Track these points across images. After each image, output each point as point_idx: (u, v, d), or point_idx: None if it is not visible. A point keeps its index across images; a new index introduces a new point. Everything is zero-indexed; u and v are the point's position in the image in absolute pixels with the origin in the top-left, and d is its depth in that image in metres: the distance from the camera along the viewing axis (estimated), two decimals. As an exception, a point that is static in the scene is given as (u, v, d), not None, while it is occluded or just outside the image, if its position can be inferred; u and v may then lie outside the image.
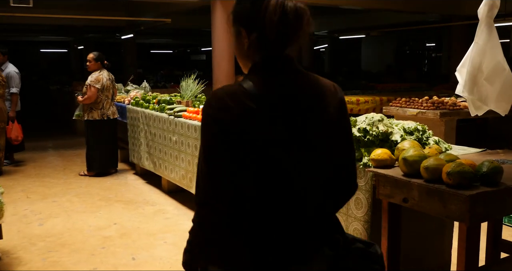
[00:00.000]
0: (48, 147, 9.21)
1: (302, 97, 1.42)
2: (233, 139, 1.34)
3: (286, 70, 1.44)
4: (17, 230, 4.52)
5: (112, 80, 6.59)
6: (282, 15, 1.37)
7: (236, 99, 1.35)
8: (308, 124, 1.40)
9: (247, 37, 1.44)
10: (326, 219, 1.51)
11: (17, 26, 14.20)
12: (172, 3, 10.01)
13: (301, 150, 1.39)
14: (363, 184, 2.74)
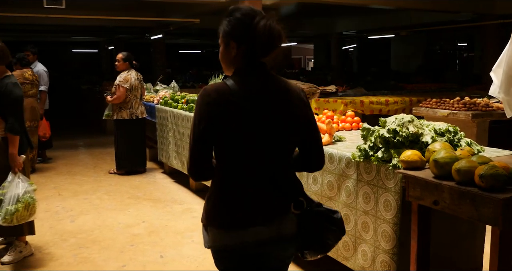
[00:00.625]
0: (79, 145, 9.39)
1: (271, 93, 1.83)
2: (215, 123, 1.75)
3: (261, 74, 1.85)
4: (49, 226, 4.62)
5: (141, 80, 6.68)
6: (270, 36, 1.78)
7: (221, 93, 1.76)
8: (274, 112, 1.82)
9: (236, 48, 1.84)
10: (292, 186, 1.91)
11: (50, 27, 14.52)
12: (200, 3, 10.08)
13: (267, 131, 1.79)
14: (392, 185, 2.71)
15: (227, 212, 1.82)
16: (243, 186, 1.83)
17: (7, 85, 3.58)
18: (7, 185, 3.49)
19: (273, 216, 1.84)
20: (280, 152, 1.87)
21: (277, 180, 1.86)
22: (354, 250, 3.03)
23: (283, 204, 1.87)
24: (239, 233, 1.82)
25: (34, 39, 19.83)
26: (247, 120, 1.77)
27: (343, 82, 11.13)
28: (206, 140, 1.79)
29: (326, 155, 3.27)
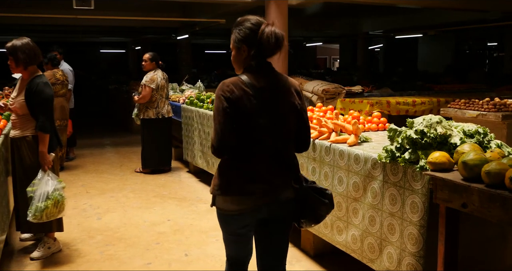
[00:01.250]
0: (106, 144, 9.54)
1: (275, 86, 2.30)
2: (233, 109, 2.19)
3: (267, 71, 2.33)
4: (77, 223, 4.71)
5: (166, 79, 6.75)
6: (275, 40, 2.22)
7: (237, 85, 2.22)
8: (278, 101, 2.28)
9: (247, 51, 2.29)
10: (292, 164, 2.36)
11: (79, 27, 14.77)
12: (226, 3, 10.12)
13: (273, 116, 2.26)
14: (419, 187, 2.67)
15: (241, 182, 2.26)
16: (253, 165, 2.27)
17: (38, 84, 3.66)
18: (37, 182, 3.57)
19: (275, 190, 2.30)
20: (282, 132, 2.31)
21: (281, 158, 2.31)
22: (379, 252, 3.00)
23: (285, 178, 2.32)
24: (243, 202, 2.26)
25: (63, 39, 20.22)
26: (256, 106, 2.22)
27: (369, 83, 11.02)
28: (227, 121, 2.20)
29: (352, 155, 3.24)
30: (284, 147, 2.32)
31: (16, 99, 3.73)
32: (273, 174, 2.28)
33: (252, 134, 2.24)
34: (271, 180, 2.27)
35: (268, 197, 2.28)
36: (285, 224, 2.43)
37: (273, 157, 2.28)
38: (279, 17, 8.00)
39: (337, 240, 3.44)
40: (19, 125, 3.73)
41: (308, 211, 2.38)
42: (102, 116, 14.31)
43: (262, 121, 2.23)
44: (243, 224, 2.32)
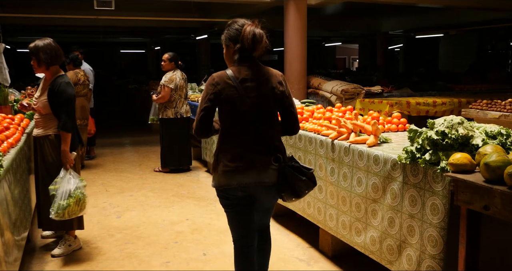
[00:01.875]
0: (125, 143, 9.63)
1: (256, 76, 2.66)
2: (218, 98, 2.61)
3: (251, 63, 2.67)
4: (97, 221, 4.76)
5: (185, 80, 6.79)
6: (253, 37, 2.59)
7: (221, 79, 2.62)
8: (258, 90, 2.64)
9: (233, 47, 2.67)
10: (272, 145, 2.69)
11: (100, 28, 14.95)
12: (245, 4, 10.13)
13: (253, 102, 2.62)
14: (440, 188, 2.63)
15: (225, 161, 2.64)
16: (234, 146, 2.65)
17: (61, 84, 3.72)
18: (59, 181, 3.62)
19: (256, 167, 2.63)
20: (264, 117, 2.67)
21: (262, 140, 2.67)
22: (398, 254, 2.97)
23: (265, 158, 2.67)
24: (231, 178, 2.64)
25: (84, 40, 20.49)
26: (237, 95, 2.61)
27: (388, 83, 10.91)
28: (209, 109, 2.62)
29: (371, 156, 3.22)
30: (265, 130, 2.68)
31: (39, 99, 3.79)
32: (253, 154, 2.65)
33: (235, 120, 2.65)
34: (252, 158, 2.64)
35: (251, 178, 2.65)
36: (268, 202, 2.86)
37: (253, 138, 2.66)
38: (298, 17, 7.99)
39: (355, 241, 3.42)
40: (42, 125, 3.79)
41: (287, 186, 2.69)
42: (121, 115, 14.45)
43: (243, 108, 2.62)
44: (234, 198, 2.71)
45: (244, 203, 2.74)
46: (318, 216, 3.92)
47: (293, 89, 8.02)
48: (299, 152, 4.21)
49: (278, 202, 4.60)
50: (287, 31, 8.11)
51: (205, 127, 2.65)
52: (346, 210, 3.52)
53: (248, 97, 2.61)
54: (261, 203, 2.81)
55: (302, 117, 4.51)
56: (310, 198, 4.03)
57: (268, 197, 2.78)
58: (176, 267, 3.71)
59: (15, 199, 3.12)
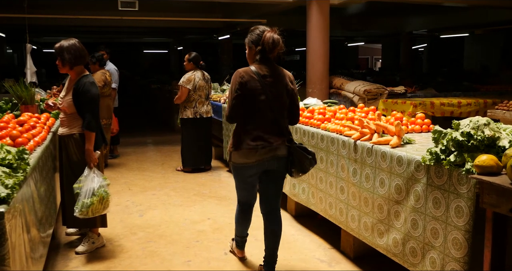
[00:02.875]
0: (148, 142, 9.73)
1: (273, 73, 3.26)
2: (243, 89, 3.18)
3: (269, 63, 3.28)
4: (120, 219, 4.82)
5: (207, 80, 6.80)
6: (272, 41, 3.19)
7: (247, 73, 3.21)
8: (275, 85, 3.24)
9: (255, 49, 3.28)
10: (284, 129, 3.29)
11: (124, 28, 15.14)
12: (267, 3, 10.13)
13: (271, 94, 3.21)
14: (465, 191, 2.59)
15: (248, 141, 3.22)
16: (256, 129, 3.23)
17: (85, 84, 3.77)
18: (83, 179, 3.68)
19: (272, 145, 3.23)
20: (278, 107, 3.27)
21: (277, 125, 3.27)
22: (421, 257, 2.94)
23: (279, 139, 3.27)
24: (252, 155, 3.24)
25: (108, 40, 20.76)
26: (259, 87, 3.21)
27: (412, 83, 10.79)
28: (239, 98, 3.21)
29: (394, 157, 3.19)
30: (279, 117, 3.27)
31: (64, 98, 3.86)
32: (270, 135, 3.24)
33: (256, 107, 3.23)
34: (268, 139, 3.23)
35: (268, 154, 3.25)
36: (280, 173, 3.39)
37: (270, 123, 3.25)
38: (320, 17, 7.95)
39: (377, 243, 3.38)
40: (67, 124, 3.86)
41: (296, 163, 3.31)
42: (144, 115, 14.60)
43: (263, 98, 3.21)
44: (250, 174, 3.33)
45: (253, 178, 3.38)
46: (340, 217, 3.90)
47: (315, 89, 7.99)
48: (321, 152, 4.19)
49: (299, 201, 4.60)
50: (310, 31, 8.09)
51: (237, 113, 3.25)
52: (368, 211, 3.49)
53: (268, 90, 3.22)
54: (275, 173, 3.38)
55: (324, 117, 4.49)
56: (332, 198, 4.01)
57: (280, 168, 3.35)
58: (197, 266, 3.74)
59: (41, 196, 3.18)
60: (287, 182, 4.86)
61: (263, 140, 3.22)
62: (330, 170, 4.05)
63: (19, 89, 4.85)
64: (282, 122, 3.28)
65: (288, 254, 3.95)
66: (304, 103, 5.59)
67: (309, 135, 4.43)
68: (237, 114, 3.25)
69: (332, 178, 4.02)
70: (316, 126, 4.43)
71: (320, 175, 4.22)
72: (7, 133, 3.33)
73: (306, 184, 4.49)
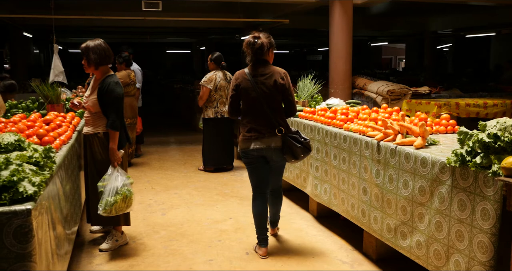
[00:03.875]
0: (171, 142, 9.80)
1: (264, 73, 3.74)
2: (237, 90, 3.77)
3: (261, 64, 3.78)
4: (143, 218, 4.87)
5: (230, 79, 6.82)
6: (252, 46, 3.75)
7: (241, 75, 3.80)
8: (264, 84, 3.72)
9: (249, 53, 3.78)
10: (275, 121, 3.75)
11: (147, 28, 15.28)
12: (290, 3, 10.11)
13: (262, 91, 3.71)
14: (491, 193, 2.54)
15: (244, 132, 3.80)
16: (249, 122, 3.78)
17: (110, 84, 3.82)
18: (107, 178, 3.73)
19: (265, 136, 3.74)
20: (269, 102, 3.74)
21: (268, 118, 3.75)
22: (446, 260, 2.89)
23: (271, 130, 3.75)
24: (248, 143, 3.77)
25: (132, 40, 20.99)
26: (251, 85, 3.74)
27: (436, 83, 10.64)
28: (234, 96, 3.83)
29: (418, 158, 3.15)
30: (271, 111, 3.75)
31: (89, 97, 3.91)
32: (262, 127, 3.76)
33: (249, 103, 3.77)
34: (261, 130, 3.75)
35: (263, 144, 3.75)
36: (278, 162, 3.92)
37: (262, 116, 3.75)
38: (343, 17, 7.90)
39: (400, 245, 3.35)
40: (92, 123, 3.91)
41: (288, 150, 3.77)
42: (167, 114, 14.72)
43: (254, 94, 3.73)
44: (252, 157, 3.82)
45: (259, 161, 3.85)
46: (362, 218, 3.87)
47: (338, 89, 7.95)
48: (344, 152, 4.17)
49: (321, 202, 4.58)
50: (332, 31, 8.05)
51: (234, 109, 3.87)
52: (391, 213, 3.46)
53: (258, 88, 3.73)
54: (274, 162, 3.89)
55: (347, 118, 4.46)
56: (354, 200, 3.98)
57: (277, 158, 3.84)
58: (219, 266, 3.75)
59: (66, 194, 3.23)
60: (309, 183, 4.85)
61: (255, 131, 3.75)
62: (352, 171, 4.02)
63: (45, 89, 4.94)
64: (273, 115, 3.75)
65: (310, 255, 3.93)
66: (327, 103, 5.56)
67: (331, 135, 4.41)
68: (234, 110, 3.87)
69: (354, 179, 3.99)
70: (338, 127, 4.40)
71: (342, 176, 4.19)
72: (34, 132, 3.40)
73: (328, 184, 4.47)
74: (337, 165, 4.30)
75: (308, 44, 25.60)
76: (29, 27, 13.22)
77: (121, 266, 3.75)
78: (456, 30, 16.06)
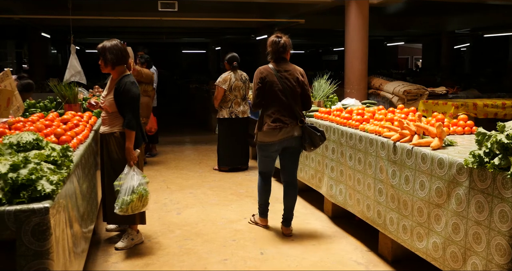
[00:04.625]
0: (186, 141, 9.85)
1: (286, 69, 4.19)
2: (263, 83, 4.14)
3: (282, 61, 4.23)
4: (158, 217, 4.90)
5: (245, 80, 6.83)
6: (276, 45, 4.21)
7: (266, 69, 4.18)
8: (288, 79, 4.16)
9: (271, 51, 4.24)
10: (297, 113, 4.12)
11: (163, 29, 15.37)
12: (306, 3, 10.09)
13: (285, 85, 4.13)
14: (509, 195, 2.51)
15: (269, 122, 4.11)
16: (274, 113, 4.12)
17: (126, 84, 3.85)
18: (123, 177, 3.76)
19: (288, 126, 4.11)
20: (290, 94, 4.14)
21: (291, 109, 4.13)
22: (463, 262, 2.86)
23: (293, 120, 4.13)
24: (272, 135, 4.12)
25: (148, 41, 21.14)
26: (276, 79, 4.13)
27: (454, 84, 10.52)
28: (262, 89, 4.14)
29: (435, 159, 3.11)
30: (293, 103, 4.13)
31: (106, 97, 3.95)
32: (286, 118, 4.11)
33: (274, 96, 4.13)
34: (285, 121, 4.10)
35: (287, 134, 4.11)
36: (296, 150, 4.27)
37: (285, 108, 4.12)
38: (359, 16, 7.86)
39: (416, 246, 3.32)
40: (108, 122, 3.95)
41: (307, 139, 4.15)
42: (182, 114, 14.79)
43: (278, 88, 4.13)
44: (272, 150, 4.22)
45: (274, 154, 4.28)
46: (378, 219, 3.84)
47: (354, 89, 7.91)
48: (359, 153, 4.14)
49: (336, 203, 4.56)
50: (348, 31, 8.01)
51: (260, 101, 4.17)
52: (407, 214, 3.43)
53: (283, 82, 4.13)
54: (292, 150, 4.24)
55: (363, 118, 4.44)
56: (370, 200, 3.95)
57: (297, 145, 4.22)
58: (233, 265, 3.75)
59: (83, 193, 3.26)
60: (325, 184, 4.83)
61: (280, 121, 4.09)
62: (368, 172, 4.00)
63: (63, 89, 5.01)
64: (295, 107, 4.14)
65: (324, 255, 3.92)
66: (342, 103, 5.54)
67: (347, 136, 4.39)
68: (260, 102, 4.17)
69: (370, 180, 3.97)
70: (354, 127, 4.38)
71: (358, 177, 4.17)
72: (52, 131, 3.44)
73: (343, 185, 4.45)
74: (352, 166, 4.27)
75: (323, 44, 25.52)
76: (48, 27, 13.40)
77: (136, 265, 3.78)
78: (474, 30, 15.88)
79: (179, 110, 15.44)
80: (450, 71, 16.17)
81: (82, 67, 8.17)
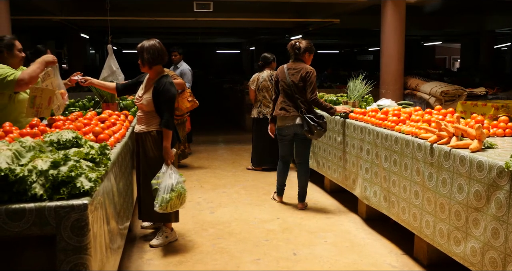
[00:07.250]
0: (220, 141, 9.91)
1: (296, 68, 5.01)
2: (277, 79, 5.16)
3: (297, 61, 5.07)
4: (191, 215, 4.95)
5: None
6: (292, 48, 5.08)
7: (281, 68, 5.16)
8: (294, 75, 4.98)
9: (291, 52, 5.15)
10: (298, 104, 4.94)
11: (198, 29, 15.52)
12: (341, 3, 10.00)
13: (292, 80, 4.98)
14: (553, 200, 2.42)
15: (277, 110, 5.06)
16: (282, 103, 5.01)
17: (165, 84, 3.91)
18: (161, 175, 3.81)
19: (290, 114, 4.94)
20: (297, 90, 4.92)
21: (294, 101, 4.94)
22: (502, 268, 2.77)
23: (295, 111, 4.93)
24: (281, 121, 5.06)
25: (184, 41, 21.37)
26: (285, 76, 4.98)
27: (494, 84, 10.24)
28: (275, 85, 5.19)
29: (474, 162, 3.03)
30: (296, 96, 4.91)
31: (143, 96, 4.01)
32: (289, 107, 4.96)
33: (283, 89, 5.00)
34: (288, 110, 4.95)
35: (292, 121, 4.96)
36: (302, 136, 5.00)
37: (290, 99, 4.96)
38: (395, 16, 7.74)
39: (453, 251, 3.24)
40: (145, 121, 4.01)
41: (306, 126, 4.85)
42: (216, 114, 14.89)
43: (286, 83, 4.97)
44: (283, 134, 5.12)
45: (287, 138, 5.13)
46: (414, 222, 3.77)
47: (389, 90, 7.79)
48: (395, 154, 4.08)
49: (370, 205, 4.50)
50: (384, 31, 7.90)
51: (275, 93, 5.18)
52: (444, 217, 3.35)
53: (289, 78, 4.94)
54: (297, 136, 5.04)
55: (399, 119, 4.36)
56: (405, 203, 3.89)
57: (300, 132, 4.95)
58: (266, 265, 3.76)
59: (119, 190, 3.33)
60: (359, 185, 4.78)
61: (284, 110, 4.97)
62: (404, 173, 3.93)
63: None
64: (298, 100, 4.90)
65: (358, 258, 3.88)
66: (378, 104, 5.46)
67: (382, 137, 4.33)
68: (276, 94, 5.16)
69: (406, 182, 3.90)
70: (390, 128, 4.31)
71: (393, 178, 4.11)
72: (90, 129, 3.51)
73: (378, 187, 4.39)
74: (387, 167, 4.21)
75: (358, 44, 25.24)
76: (86, 28, 13.72)
77: (170, 262, 3.83)
78: (515, 29, 15.40)
79: (213, 110, 15.56)
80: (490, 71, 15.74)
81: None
